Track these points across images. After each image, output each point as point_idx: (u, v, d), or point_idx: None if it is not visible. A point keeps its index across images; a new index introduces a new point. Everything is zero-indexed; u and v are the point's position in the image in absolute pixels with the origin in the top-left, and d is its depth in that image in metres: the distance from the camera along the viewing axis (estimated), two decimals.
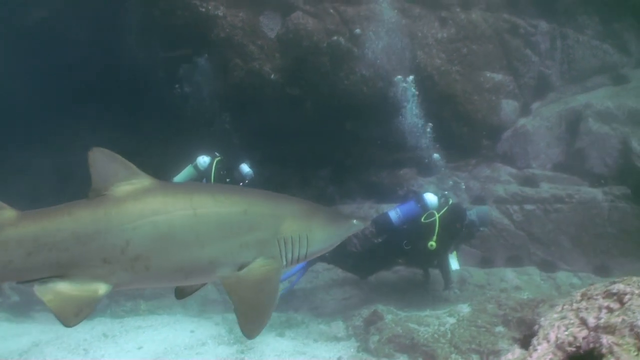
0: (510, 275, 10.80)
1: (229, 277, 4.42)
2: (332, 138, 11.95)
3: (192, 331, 10.17)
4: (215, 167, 10.25)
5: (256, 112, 11.52)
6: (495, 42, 12.03)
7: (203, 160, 10.37)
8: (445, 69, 11.52)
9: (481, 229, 9.96)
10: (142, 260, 4.22)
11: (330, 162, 12.33)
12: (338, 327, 9.96)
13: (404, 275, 10.85)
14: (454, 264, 9.93)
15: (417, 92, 11.22)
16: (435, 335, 8.98)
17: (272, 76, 11.19)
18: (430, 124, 11.37)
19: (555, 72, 12.79)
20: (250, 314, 4.28)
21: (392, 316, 9.77)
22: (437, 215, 9.52)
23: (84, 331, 10.37)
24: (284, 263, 4.69)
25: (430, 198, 9.76)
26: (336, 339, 9.70)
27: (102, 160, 4.31)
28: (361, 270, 10.34)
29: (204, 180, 10.21)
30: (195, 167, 10.38)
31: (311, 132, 11.84)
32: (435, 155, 11.68)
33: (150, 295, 10.98)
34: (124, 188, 4.33)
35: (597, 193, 11.31)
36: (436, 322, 9.42)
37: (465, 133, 11.75)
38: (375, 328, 9.43)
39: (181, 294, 5.18)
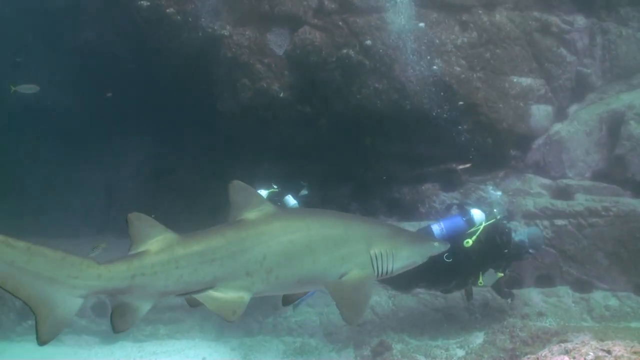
0: (536, 298, 10.08)
1: (332, 282, 5.42)
2: (351, 154, 11.47)
3: (204, 358, 10.14)
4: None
5: (270, 131, 11.19)
6: (523, 43, 11.13)
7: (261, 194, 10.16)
8: (465, 77, 10.75)
9: (530, 251, 9.24)
10: (273, 272, 5.16)
11: (351, 178, 11.85)
12: (348, 356, 9.70)
13: (423, 298, 10.31)
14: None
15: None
16: None
17: (282, 94, 10.82)
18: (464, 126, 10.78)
19: (595, 71, 11.73)
20: (350, 310, 5.30)
21: (402, 345, 9.42)
22: (482, 224, 8.94)
23: (103, 355, 10.60)
24: (375, 274, 5.60)
25: (477, 214, 9.13)
26: None
27: (238, 191, 5.27)
28: (398, 285, 9.85)
29: None
30: None
31: (329, 149, 11.43)
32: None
33: (169, 320, 10.98)
34: (255, 213, 5.27)
35: (637, 204, 10.31)
36: (444, 354, 9.03)
37: (490, 144, 10.93)
38: (382, 359, 9.08)
39: (287, 300, 6.21)
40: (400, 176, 11.48)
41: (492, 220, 9.03)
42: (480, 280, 9.10)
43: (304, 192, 10.49)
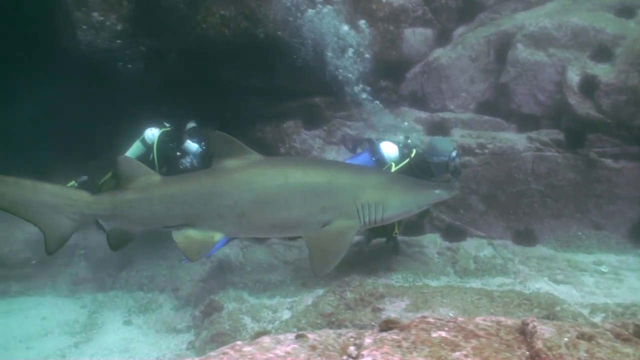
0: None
1: (310, 232, 5.77)
2: (211, 91, 10.22)
3: (43, 318, 9.44)
4: (158, 140, 9.22)
5: (119, 70, 9.96)
6: None
7: (151, 133, 9.38)
8: None
9: (457, 159, 8.15)
10: (245, 217, 5.71)
11: (213, 117, 10.61)
12: (184, 315, 8.98)
13: (276, 249, 9.41)
14: None
15: None
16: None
17: (119, 27, 9.60)
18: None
19: None
20: (321, 260, 5.64)
21: (236, 305, 8.59)
22: (393, 169, 7.91)
23: None
24: (361, 224, 5.87)
25: (388, 149, 8.13)
26: (176, 330, 8.73)
27: (219, 141, 5.87)
28: None
29: (151, 155, 9.21)
30: (143, 142, 9.42)
31: (185, 86, 10.19)
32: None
33: (20, 276, 10.23)
34: (235, 162, 5.80)
35: (517, 141, 9.10)
36: (270, 316, 8.17)
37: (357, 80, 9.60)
38: (209, 321, 8.31)
39: (293, 238, 7.42)
40: (264, 113, 10.28)
41: (407, 161, 7.99)
42: (396, 230, 8.28)
43: (192, 124, 9.69)
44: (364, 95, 9.58)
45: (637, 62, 8.56)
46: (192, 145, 9.32)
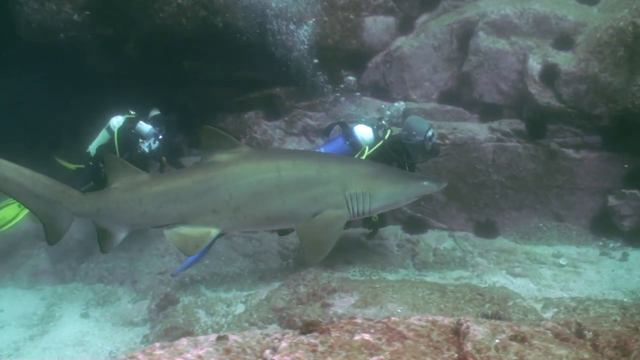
0: (355, 241, 8.87)
1: (302, 222, 5.81)
2: (171, 81, 10.07)
3: (1, 310, 9.30)
4: (119, 128, 9.12)
5: (69, 61, 9.80)
6: None
7: (116, 120, 9.24)
8: None
9: (434, 139, 7.99)
10: (241, 211, 5.72)
11: (174, 108, 10.45)
12: (141, 308, 8.78)
13: (236, 241, 9.28)
14: None
15: None
16: (210, 331, 7.57)
17: (76, 17, 9.41)
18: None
19: None
20: (313, 249, 5.78)
21: (192, 298, 8.55)
22: (366, 153, 7.76)
23: None
24: (350, 214, 5.95)
25: (363, 131, 7.99)
26: (132, 324, 8.55)
27: (209, 135, 5.83)
28: None
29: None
30: (108, 130, 9.29)
31: (145, 76, 10.03)
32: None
33: None
34: (226, 156, 5.75)
35: (478, 131, 8.99)
36: (224, 310, 8.11)
37: (315, 65, 9.46)
38: (164, 314, 8.22)
39: (283, 232, 7.41)
40: (226, 103, 10.15)
41: (380, 143, 7.85)
42: (375, 215, 7.98)
43: (155, 112, 9.51)
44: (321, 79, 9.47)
45: (598, 50, 8.44)
46: (144, 127, 9.19)
